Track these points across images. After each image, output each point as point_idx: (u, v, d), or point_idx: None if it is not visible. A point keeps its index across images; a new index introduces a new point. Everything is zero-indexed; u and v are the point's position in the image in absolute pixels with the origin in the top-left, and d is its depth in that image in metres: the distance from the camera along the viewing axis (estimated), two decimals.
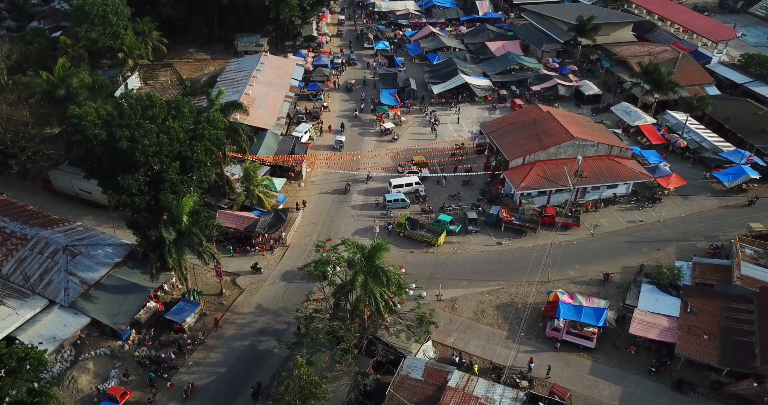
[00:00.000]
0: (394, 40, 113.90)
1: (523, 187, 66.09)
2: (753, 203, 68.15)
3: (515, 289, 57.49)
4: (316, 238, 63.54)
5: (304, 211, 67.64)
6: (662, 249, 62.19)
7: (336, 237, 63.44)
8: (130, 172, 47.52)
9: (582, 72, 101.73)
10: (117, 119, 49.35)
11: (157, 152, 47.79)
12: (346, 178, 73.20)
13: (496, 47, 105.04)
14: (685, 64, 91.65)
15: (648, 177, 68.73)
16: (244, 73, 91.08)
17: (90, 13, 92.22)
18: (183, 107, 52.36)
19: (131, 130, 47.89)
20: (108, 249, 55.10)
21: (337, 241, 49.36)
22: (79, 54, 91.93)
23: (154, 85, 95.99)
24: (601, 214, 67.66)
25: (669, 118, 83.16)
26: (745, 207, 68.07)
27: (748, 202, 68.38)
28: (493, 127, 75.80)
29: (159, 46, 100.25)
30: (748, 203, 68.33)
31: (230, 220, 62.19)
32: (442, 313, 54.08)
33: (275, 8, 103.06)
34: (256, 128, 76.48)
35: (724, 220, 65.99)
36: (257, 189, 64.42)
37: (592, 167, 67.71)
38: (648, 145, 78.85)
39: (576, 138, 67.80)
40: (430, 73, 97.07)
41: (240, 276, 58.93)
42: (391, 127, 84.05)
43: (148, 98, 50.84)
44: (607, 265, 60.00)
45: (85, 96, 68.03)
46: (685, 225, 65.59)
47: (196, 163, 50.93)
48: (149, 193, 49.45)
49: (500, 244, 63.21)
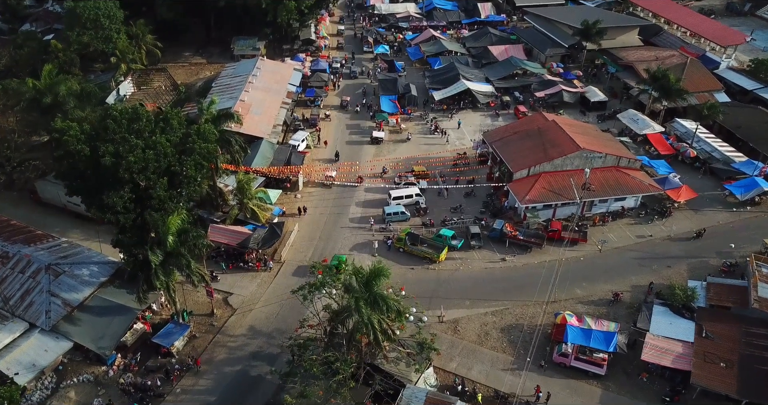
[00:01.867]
0: (394, 44, 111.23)
1: (528, 201, 63.48)
2: (701, 235, 62.30)
3: (520, 309, 54.90)
4: (312, 254, 61.21)
5: (300, 224, 65.00)
6: (673, 266, 59.57)
7: (333, 252, 61.27)
8: (115, 188, 44.89)
9: (587, 77, 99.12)
10: (101, 133, 46.65)
11: (143, 169, 45.19)
12: (344, 191, 70.55)
13: (498, 51, 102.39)
14: (693, 69, 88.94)
15: (658, 189, 66.11)
16: (239, 79, 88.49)
17: (81, 16, 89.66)
18: (172, 119, 49.75)
19: (116, 145, 45.27)
20: (93, 267, 52.49)
21: (334, 262, 46.92)
22: (70, 58, 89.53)
23: (147, 90, 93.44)
24: (609, 228, 65.04)
25: (678, 126, 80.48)
26: (693, 239, 62.34)
27: (696, 234, 62.57)
28: (496, 137, 73.16)
29: (153, 49, 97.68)
30: (696, 235, 62.56)
31: (223, 235, 59.62)
32: (443, 336, 51.51)
33: (273, 11, 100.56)
34: (252, 137, 74.08)
35: (737, 235, 63.32)
36: (251, 202, 61.81)
37: (600, 179, 65.08)
38: (656, 154, 76.20)
39: (583, 149, 65.17)
40: (431, 79, 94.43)
41: (232, 295, 56.35)
42: (381, 135, 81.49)
43: (133, 111, 48.19)
44: (616, 284, 57.43)
45: (73, 104, 65.49)
46: (696, 240, 62.93)
47: (186, 178, 48.33)
48: (135, 210, 46.82)
49: (504, 260, 60.62)
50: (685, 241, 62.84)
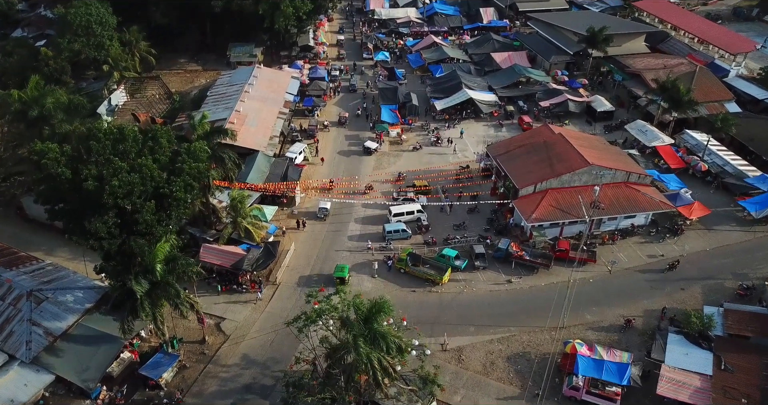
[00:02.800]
0: (394, 51, 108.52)
1: (535, 219, 60.83)
2: (674, 267, 58.43)
3: (528, 336, 52.24)
4: (309, 276, 58.49)
5: (297, 243, 62.35)
6: (687, 289, 56.92)
7: (331, 274, 58.63)
8: (98, 213, 42.21)
9: (592, 85, 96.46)
10: (84, 155, 44.00)
11: (128, 193, 42.49)
12: (342, 207, 67.84)
13: (501, 58, 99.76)
14: (702, 78, 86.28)
15: (669, 207, 63.43)
16: (235, 88, 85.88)
17: (73, 23, 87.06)
18: (161, 137, 47.08)
19: (99, 167, 42.60)
20: (78, 293, 49.86)
21: (331, 290, 44.39)
22: (61, 66, 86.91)
23: (140, 99, 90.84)
24: (619, 247, 62.37)
25: (688, 138, 77.83)
26: (667, 271, 58.37)
27: (669, 266, 58.46)
28: (500, 150, 70.50)
29: (147, 56, 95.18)
30: (669, 267, 58.44)
31: (215, 256, 56.98)
32: (447, 366, 48.87)
33: (270, 17, 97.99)
34: (248, 149, 71.49)
35: (754, 255, 60.71)
36: (245, 221, 59.12)
37: (609, 196, 62.44)
38: (666, 168, 73.56)
39: (592, 165, 62.51)
40: (432, 87, 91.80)
41: (225, 320, 53.68)
42: (374, 146, 79.09)
43: (119, 131, 45.50)
44: (628, 308, 54.80)
45: (60, 118, 62.83)
46: (710, 260, 60.30)
47: (175, 201, 45.63)
48: (121, 235, 44.15)
49: (510, 282, 57.98)
50: (699, 261, 60.18)
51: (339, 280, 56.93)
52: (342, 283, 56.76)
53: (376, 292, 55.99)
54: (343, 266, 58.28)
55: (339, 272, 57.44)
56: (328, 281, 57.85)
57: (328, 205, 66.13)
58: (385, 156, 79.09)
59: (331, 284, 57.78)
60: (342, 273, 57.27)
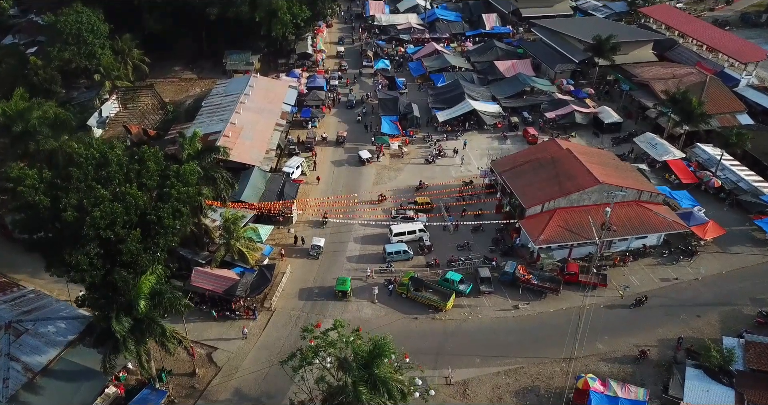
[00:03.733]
0: (395, 58, 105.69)
1: (543, 241, 58.04)
2: (641, 303, 54.35)
3: (537, 368, 49.42)
4: (305, 302, 55.72)
5: (293, 265, 59.57)
6: (703, 315, 54.15)
7: (329, 298, 55.92)
8: (79, 244, 39.39)
9: (599, 95, 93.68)
10: (64, 182, 41.18)
11: (111, 224, 39.66)
12: (341, 225, 64.99)
13: (505, 67, 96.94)
14: (713, 88, 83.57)
15: (683, 227, 60.61)
16: (231, 98, 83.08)
17: (63, 31, 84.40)
18: (148, 160, 44.23)
19: (80, 194, 39.78)
20: (61, 324, 46.99)
21: (328, 324, 41.63)
22: (50, 76, 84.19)
23: (133, 109, 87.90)
24: (631, 269, 59.59)
25: (699, 152, 75.05)
26: (633, 307, 54.28)
27: (636, 302, 54.35)
28: (506, 166, 67.69)
29: (140, 65, 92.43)
30: (636, 303, 54.34)
31: (207, 281, 54.19)
32: (452, 402, 46.09)
33: (267, 24, 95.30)
34: (243, 164, 68.78)
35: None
36: (238, 242, 56.29)
37: (620, 216, 59.65)
38: (677, 183, 70.80)
39: (602, 183, 59.73)
40: (434, 97, 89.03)
41: (217, 350, 50.85)
42: (368, 156, 76.63)
43: (102, 155, 42.63)
44: (641, 337, 51.99)
45: (45, 134, 60.04)
46: (726, 284, 57.53)
47: (162, 228, 42.81)
48: (104, 266, 41.32)
49: (517, 308, 55.18)
50: (715, 285, 57.43)
51: (341, 293, 55.52)
52: (344, 296, 55.52)
53: (377, 320, 53.47)
54: (344, 279, 56.77)
55: (341, 285, 55.96)
56: (330, 294, 56.03)
57: (322, 243, 60.90)
58: (386, 170, 76.33)
59: (332, 297, 55.92)
60: (344, 286, 55.79)
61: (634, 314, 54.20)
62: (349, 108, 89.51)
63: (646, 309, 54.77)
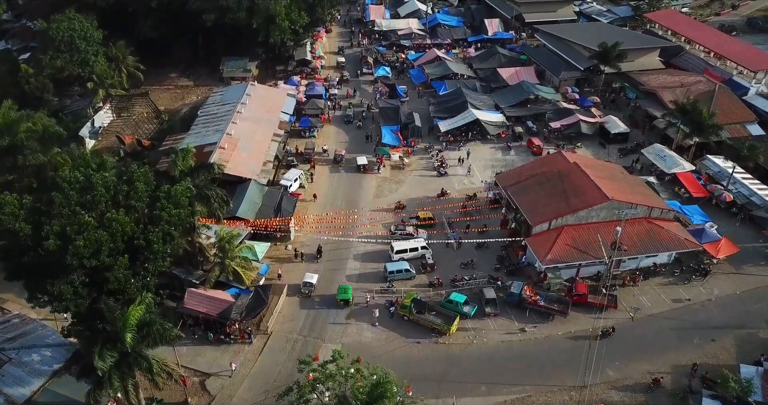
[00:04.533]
0: (395, 64, 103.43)
1: (550, 261, 55.83)
2: (609, 334, 51.40)
3: (545, 396, 47.25)
4: (303, 324, 53.50)
5: (290, 286, 57.35)
6: (718, 339, 51.97)
7: (328, 320, 53.76)
8: (63, 273, 37.15)
9: (605, 103, 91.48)
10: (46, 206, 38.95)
11: (96, 252, 37.41)
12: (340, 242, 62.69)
13: (508, 74, 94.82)
14: (722, 98, 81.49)
15: (695, 245, 58.41)
16: (227, 108, 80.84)
17: (55, 38, 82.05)
18: (136, 181, 41.98)
19: (64, 220, 37.55)
20: (46, 352, 44.80)
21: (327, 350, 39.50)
22: (42, 84, 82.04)
23: (127, 118, 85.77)
24: (641, 289, 57.42)
25: (710, 164, 72.81)
26: (601, 338, 50.92)
27: (602, 333, 51.22)
28: (510, 180, 65.44)
29: (135, 72, 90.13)
30: (602, 334, 51.18)
31: (201, 303, 51.92)
32: None
33: (265, 31, 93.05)
34: (239, 177, 66.58)
35: None
36: (233, 262, 54.06)
37: (630, 233, 57.39)
38: (687, 197, 68.62)
39: (612, 200, 57.52)
40: (436, 106, 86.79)
41: (210, 377, 48.60)
42: (364, 163, 74.83)
43: (86, 179, 40.30)
44: (654, 362, 49.83)
45: (33, 148, 57.80)
46: (741, 305, 55.36)
47: (152, 254, 40.57)
48: (90, 295, 39.08)
49: (524, 331, 52.99)
50: (729, 306, 55.25)
51: (343, 302, 54.86)
52: (346, 304, 54.79)
53: (377, 344, 51.32)
54: (346, 287, 55.72)
55: (342, 294, 55.10)
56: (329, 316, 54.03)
57: (314, 280, 56.17)
58: (387, 182, 74.13)
59: (334, 306, 54.46)
60: (346, 295, 55.01)
61: (645, 338, 52.01)
62: (347, 123, 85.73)
63: (658, 332, 52.63)
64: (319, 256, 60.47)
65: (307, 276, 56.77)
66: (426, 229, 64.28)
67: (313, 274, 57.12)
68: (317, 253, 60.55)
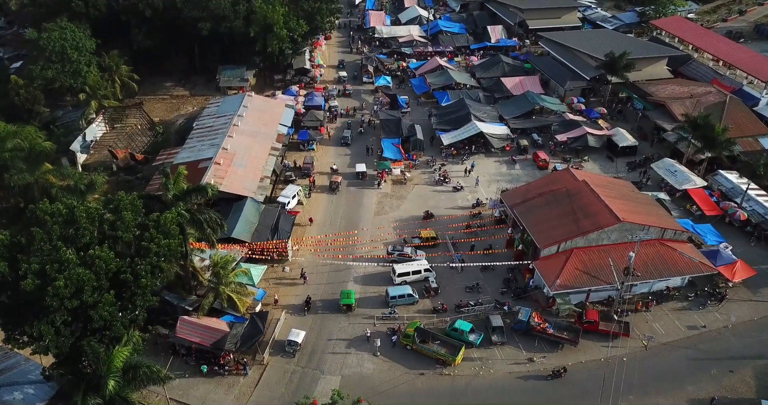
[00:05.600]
0: (396, 73, 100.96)
1: (560, 287, 53.37)
2: (560, 375, 48.45)
3: None
4: (300, 355, 50.93)
5: (288, 311, 54.92)
6: (737, 371, 49.50)
7: (326, 351, 51.28)
8: (43, 313, 34.68)
9: (612, 114, 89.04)
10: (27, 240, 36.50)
11: (78, 291, 34.94)
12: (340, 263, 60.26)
13: (512, 84, 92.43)
14: (733, 110, 79.01)
15: (710, 269, 55.99)
16: (224, 120, 78.43)
17: (46, 48, 79.66)
18: (123, 210, 39.50)
19: (43, 257, 35.08)
20: (29, 390, 42.31)
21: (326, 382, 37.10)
22: (33, 96, 79.78)
23: (121, 130, 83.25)
24: (654, 315, 54.98)
25: (722, 180, 70.31)
26: (550, 379, 48.31)
27: (552, 374, 48.59)
28: (517, 198, 62.99)
29: (129, 82, 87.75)
30: (552, 375, 48.48)
31: (194, 333, 49.47)
32: None
33: (262, 39, 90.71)
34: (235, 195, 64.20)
35: None
36: (228, 288, 51.61)
37: (642, 257, 54.82)
38: (700, 215, 66.19)
39: (624, 222, 55.09)
40: (438, 118, 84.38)
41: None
42: (363, 170, 73.44)
43: (69, 211, 37.82)
44: (670, 396, 47.42)
45: (20, 167, 55.36)
46: (759, 333, 52.90)
47: (139, 289, 38.10)
48: (73, 334, 36.61)
49: (532, 360, 50.52)
50: (746, 334, 52.82)
51: (346, 306, 54.51)
52: (349, 309, 54.47)
53: (379, 376, 48.92)
54: (349, 292, 55.35)
55: (345, 299, 54.69)
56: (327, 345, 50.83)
57: (300, 338, 50.32)
58: (388, 198, 71.72)
59: (329, 348, 51.41)
60: (349, 300, 54.63)
61: (659, 369, 49.55)
62: (345, 145, 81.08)
63: (673, 362, 50.18)
64: (308, 308, 54.68)
65: (292, 333, 50.74)
66: (428, 250, 61.74)
67: (300, 331, 51.10)
68: (305, 304, 54.79)
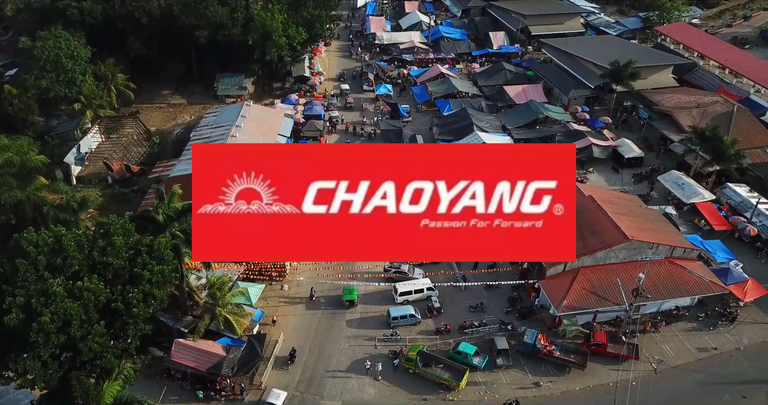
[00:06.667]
0: (397, 81, 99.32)
1: (567, 308, 51.82)
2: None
3: None
4: (300, 376, 49.43)
5: (286, 331, 53.32)
6: (750, 396, 47.98)
7: (326, 372, 49.74)
8: (28, 348, 33.12)
9: (616, 123, 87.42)
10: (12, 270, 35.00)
11: (65, 325, 33.37)
12: None
13: (515, 92, 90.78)
14: (741, 120, 77.46)
15: (722, 289, 54.42)
16: (221, 131, 76.71)
17: (40, 57, 78.05)
18: (114, 234, 37.91)
19: (28, 290, 33.50)
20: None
21: None
22: (27, 105, 78.09)
23: (117, 140, 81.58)
24: (663, 336, 53.42)
25: (731, 193, 68.77)
26: None
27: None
28: None
29: (125, 91, 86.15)
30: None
31: (189, 357, 47.89)
32: None
33: (261, 47, 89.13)
34: None
35: None
36: (224, 310, 50.06)
37: (652, 276, 53.16)
38: (708, 230, 64.61)
39: (632, 240, 53.52)
40: (439, 128, 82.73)
41: None
42: None
43: (56, 240, 36.22)
44: None
45: (10, 185, 53.76)
46: None
47: (131, 318, 36.53)
48: (61, 367, 35.03)
49: (539, 385, 48.98)
50: (759, 357, 51.26)
51: (348, 303, 55.45)
52: (351, 305, 55.34)
53: (380, 403, 47.36)
54: (351, 288, 55.98)
55: (348, 295, 55.59)
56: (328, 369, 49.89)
57: (281, 400, 45.44)
58: None
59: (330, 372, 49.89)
60: (351, 296, 55.52)
61: (670, 394, 48.01)
62: None
63: (684, 387, 48.64)
64: (291, 361, 50.11)
65: (272, 395, 45.76)
66: (429, 268, 59.95)
67: (280, 392, 46.16)
68: (290, 356, 50.36)
